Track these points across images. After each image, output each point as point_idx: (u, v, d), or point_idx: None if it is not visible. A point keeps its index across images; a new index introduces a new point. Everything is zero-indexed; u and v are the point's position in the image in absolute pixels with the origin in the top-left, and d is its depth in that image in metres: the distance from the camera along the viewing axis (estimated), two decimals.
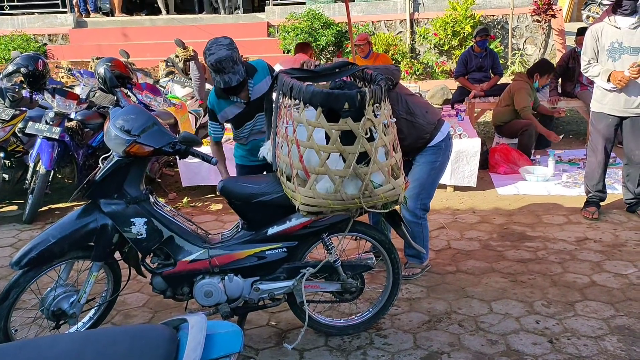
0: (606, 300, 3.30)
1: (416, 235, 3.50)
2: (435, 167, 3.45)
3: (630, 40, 4.22)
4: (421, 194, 3.48)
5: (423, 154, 3.44)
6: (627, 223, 4.46)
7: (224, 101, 3.33)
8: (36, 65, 5.35)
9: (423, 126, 3.35)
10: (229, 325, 1.53)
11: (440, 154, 3.44)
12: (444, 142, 3.45)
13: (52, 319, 2.72)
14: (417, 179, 3.45)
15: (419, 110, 3.36)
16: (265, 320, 3.22)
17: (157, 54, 9.50)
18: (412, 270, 3.65)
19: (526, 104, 6.11)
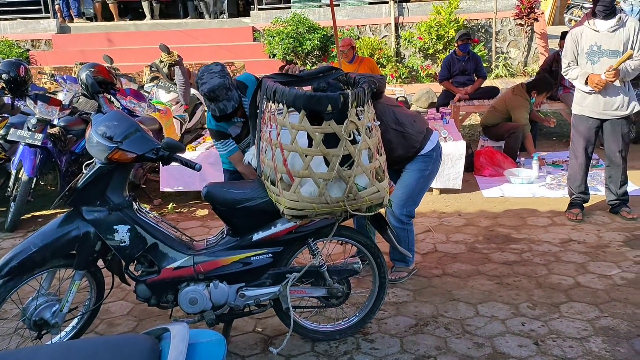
0: (591, 301, 3.32)
1: (402, 240, 3.51)
2: (424, 175, 3.47)
3: (609, 44, 4.27)
4: (407, 201, 3.49)
5: (414, 162, 3.45)
6: (610, 224, 4.51)
7: (224, 123, 3.38)
8: (18, 71, 5.28)
9: (413, 135, 3.36)
10: (212, 334, 1.51)
11: (430, 163, 3.46)
12: (434, 152, 3.47)
13: (34, 329, 2.68)
14: (405, 185, 3.46)
15: (407, 120, 3.37)
16: (251, 327, 3.20)
17: (141, 59, 9.45)
18: (399, 274, 3.65)
19: (526, 122, 6.22)
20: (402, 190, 3.46)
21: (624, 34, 4.24)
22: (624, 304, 3.27)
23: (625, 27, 4.24)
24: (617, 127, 4.42)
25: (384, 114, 3.25)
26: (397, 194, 3.46)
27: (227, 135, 3.46)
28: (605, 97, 4.35)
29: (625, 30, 4.24)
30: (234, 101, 3.16)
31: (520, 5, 10.04)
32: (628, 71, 4.24)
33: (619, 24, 4.25)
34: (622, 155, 4.50)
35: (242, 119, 3.33)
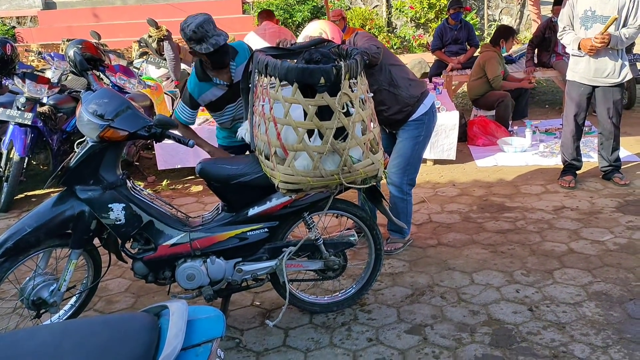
0: (584, 267, 3.37)
1: (400, 211, 3.56)
2: (419, 142, 3.47)
3: (603, 9, 4.23)
4: (407, 168, 3.50)
5: (406, 128, 3.44)
6: (603, 190, 4.54)
7: (206, 84, 3.24)
8: (4, 49, 5.20)
9: (405, 99, 3.36)
10: (211, 310, 1.52)
11: (423, 128, 3.45)
12: (426, 116, 3.45)
13: (32, 308, 2.69)
14: (402, 154, 3.47)
15: (403, 83, 3.36)
16: (249, 301, 3.22)
17: (129, 34, 9.30)
18: (395, 245, 3.68)
19: (497, 73, 6.17)
20: (399, 159, 3.48)
21: (619, 0, 4.19)
22: (617, 269, 3.32)
23: None
24: (609, 94, 4.42)
25: (379, 73, 3.25)
26: (395, 163, 3.49)
27: (195, 106, 3.31)
28: (596, 63, 4.33)
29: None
30: (224, 36, 3.08)
31: None
32: (622, 39, 4.20)
33: None
34: (613, 122, 4.50)
35: (225, 83, 3.22)
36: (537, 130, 6.10)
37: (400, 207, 3.56)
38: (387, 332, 2.85)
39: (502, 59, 6.39)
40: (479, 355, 2.61)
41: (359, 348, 2.72)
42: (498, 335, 2.76)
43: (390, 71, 3.32)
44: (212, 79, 3.22)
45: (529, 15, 10.37)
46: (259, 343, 2.82)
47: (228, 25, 9.80)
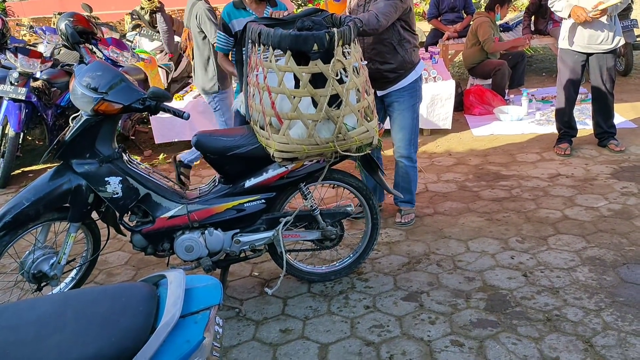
0: (578, 233, 3.40)
1: (412, 180, 3.65)
2: (416, 109, 3.53)
3: None
4: (412, 138, 3.55)
5: (400, 99, 3.45)
6: (598, 157, 4.56)
7: (240, 11, 3.53)
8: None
9: (403, 62, 3.36)
10: (208, 279, 1.55)
11: (416, 95, 3.50)
12: (417, 83, 3.49)
13: (33, 281, 2.72)
14: (405, 126, 3.50)
15: (408, 46, 3.37)
16: (248, 271, 3.26)
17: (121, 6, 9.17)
18: (409, 215, 3.70)
19: (488, 35, 6.12)
20: (404, 131, 3.51)
21: None
22: (611, 234, 3.36)
23: None
24: (602, 61, 4.39)
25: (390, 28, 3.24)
26: (400, 137, 3.53)
27: (229, 32, 3.54)
28: (590, 30, 4.30)
29: None
30: None
31: None
32: (617, 5, 4.16)
33: None
34: (607, 89, 4.49)
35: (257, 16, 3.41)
36: (533, 99, 6.08)
37: (412, 176, 3.64)
38: (384, 299, 2.89)
39: (495, 25, 6.34)
40: (474, 320, 2.66)
41: (357, 315, 2.77)
42: (493, 300, 2.81)
43: (400, 31, 3.30)
44: (247, 8, 3.53)
45: None
46: (258, 312, 2.87)
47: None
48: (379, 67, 3.34)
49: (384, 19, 3.08)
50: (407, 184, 3.64)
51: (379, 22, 3.07)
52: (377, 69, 3.33)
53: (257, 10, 3.55)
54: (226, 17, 3.54)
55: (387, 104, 3.53)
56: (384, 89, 3.46)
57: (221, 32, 3.59)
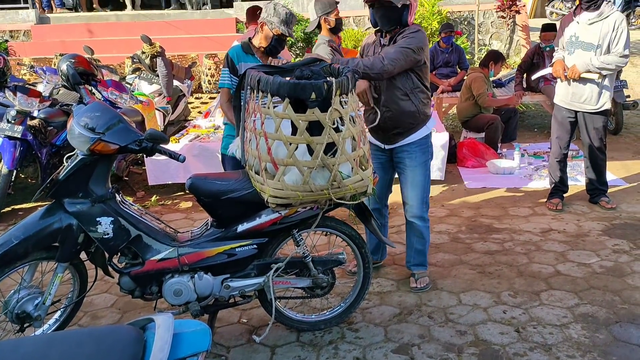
0: (570, 289, 3.38)
1: (426, 240, 3.48)
2: (427, 166, 3.42)
3: (585, 36, 4.31)
4: (424, 197, 3.41)
5: (413, 154, 3.32)
6: (589, 214, 4.58)
7: (248, 56, 3.60)
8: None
9: (415, 112, 3.25)
10: (197, 324, 1.52)
11: (428, 152, 3.40)
12: (429, 139, 3.39)
13: (16, 322, 2.65)
14: (417, 184, 3.36)
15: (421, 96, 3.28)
16: (236, 318, 3.20)
17: (123, 50, 9.33)
18: (423, 280, 3.49)
19: (482, 90, 6.25)
20: (417, 190, 3.37)
21: (602, 27, 4.24)
22: (603, 291, 3.34)
23: (605, 21, 4.24)
24: (590, 120, 4.47)
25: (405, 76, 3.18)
26: (413, 195, 3.38)
27: (235, 71, 3.59)
28: (574, 88, 4.42)
29: (605, 24, 4.24)
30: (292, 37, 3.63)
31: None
32: (600, 65, 4.23)
33: (598, 17, 4.26)
34: (597, 148, 4.55)
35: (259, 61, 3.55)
36: (525, 153, 6.17)
37: (427, 237, 3.48)
38: (374, 351, 2.84)
39: (488, 80, 6.50)
40: None
41: None
42: (485, 356, 2.76)
43: (414, 80, 3.22)
44: (254, 54, 3.61)
45: (518, 40, 10.55)
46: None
47: (222, 43, 9.89)
48: (391, 114, 3.22)
49: (389, 64, 3.01)
50: (422, 245, 3.48)
51: (384, 66, 3.00)
52: (390, 116, 3.22)
53: (263, 59, 3.64)
54: (235, 58, 3.60)
55: (396, 160, 3.39)
56: (394, 142, 3.33)
57: (227, 68, 3.64)
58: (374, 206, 3.53)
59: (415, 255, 3.49)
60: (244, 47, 3.63)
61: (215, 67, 8.84)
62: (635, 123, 7.61)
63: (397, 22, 3.17)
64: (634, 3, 13.92)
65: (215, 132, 5.78)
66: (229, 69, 3.62)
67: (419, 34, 3.15)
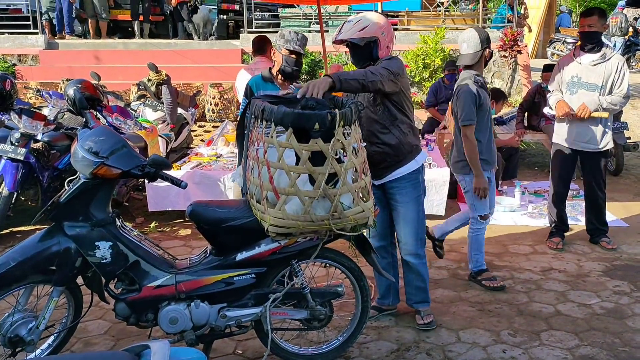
0: (571, 329, 3.34)
1: (425, 277, 3.39)
2: (420, 202, 3.32)
3: (589, 77, 4.37)
4: (418, 232, 3.33)
5: (403, 190, 3.24)
6: (590, 254, 4.56)
7: (267, 84, 3.66)
8: (4, 84, 5.25)
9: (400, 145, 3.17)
10: (193, 352, 1.49)
11: (419, 187, 3.31)
12: (420, 174, 3.31)
13: (8, 346, 2.61)
14: (410, 220, 3.27)
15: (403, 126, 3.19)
16: (231, 349, 3.15)
17: (129, 77, 9.44)
18: (429, 316, 3.41)
19: None
20: (409, 226, 3.28)
21: (605, 68, 4.33)
22: (604, 333, 3.30)
23: (608, 62, 4.33)
24: (592, 161, 4.50)
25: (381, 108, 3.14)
26: (406, 232, 3.29)
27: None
28: (578, 128, 4.44)
29: (608, 66, 4.32)
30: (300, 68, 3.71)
31: (504, 38, 10.27)
32: (607, 106, 4.31)
33: (601, 59, 4.34)
34: (597, 188, 4.56)
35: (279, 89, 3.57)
36: (526, 191, 6.17)
37: (424, 273, 3.39)
38: None
39: None
40: None
41: None
42: None
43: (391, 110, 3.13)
44: (274, 82, 3.66)
45: (519, 80, 10.68)
46: None
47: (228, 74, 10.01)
48: (375, 148, 3.15)
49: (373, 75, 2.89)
50: (421, 282, 3.38)
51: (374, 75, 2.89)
52: (374, 150, 3.14)
53: (283, 87, 3.67)
54: (254, 87, 3.65)
55: (388, 196, 3.32)
56: (382, 177, 3.24)
57: (245, 98, 3.69)
58: (380, 244, 3.43)
59: (416, 292, 3.40)
60: (264, 77, 3.69)
61: (220, 97, 8.93)
62: (636, 165, 7.64)
63: (369, 59, 3.16)
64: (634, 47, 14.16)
65: (217, 160, 5.79)
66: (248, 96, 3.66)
67: (393, 60, 3.11)
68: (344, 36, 3.11)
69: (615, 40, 14.56)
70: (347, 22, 3.14)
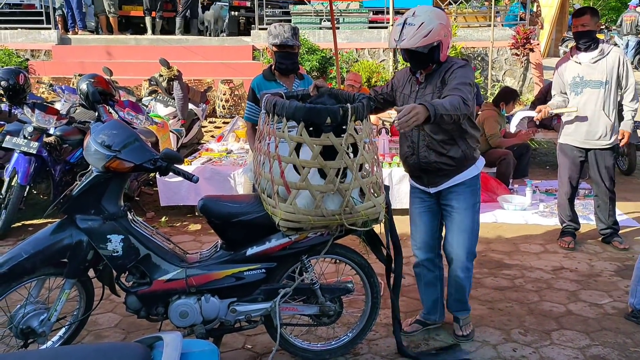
0: (582, 329, 3.32)
1: (467, 290, 3.16)
2: (476, 210, 3.07)
3: (591, 75, 4.36)
4: (471, 244, 3.07)
5: (460, 196, 3.00)
6: (602, 253, 4.52)
7: (269, 83, 3.68)
8: (17, 79, 5.30)
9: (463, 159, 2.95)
10: (205, 344, 1.50)
11: (477, 194, 3.07)
12: (478, 180, 3.08)
13: (20, 337, 2.64)
14: (464, 228, 3.02)
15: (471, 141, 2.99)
16: (240, 343, 3.16)
17: (140, 73, 9.48)
18: (468, 327, 3.23)
19: (495, 131, 6.25)
20: (463, 236, 3.02)
21: (606, 64, 4.32)
22: (615, 333, 3.27)
23: (607, 58, 4.32)
24: (601, 159, 4.47)
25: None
26: (459, 241, 3.04)
27: (257, 100, 3.63)
28: (588, 126, 4.41)
29: (609, 61, 4.32)
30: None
31: (517, 35, 10.20)
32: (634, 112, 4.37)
33: (600, 55, 4.33)
34: (607, 186, 4.53)
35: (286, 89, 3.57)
36: (537, 190, 6.13)
37: (467, 287, 3.14)
38: None
39: (502, 118, 6.50)
40: None
41: None
42: None
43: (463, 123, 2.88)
44: (276, 80, 3.68)
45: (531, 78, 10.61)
46: None
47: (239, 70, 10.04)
48: (435, 158, 2.93)
49: (469, 103, 2.66)
50: (461, 295, 3.15)
51: (467, 106, 2.64)
52: (434, 160, 2.93)
53: (287, 83, 3.69)
54: (256, 88, 3.67)
55: (443, 203, 3.06)
56: (438, 185, 3.01)
57: (250, 102, 3.72)
58: (426, 256, 3.20)
59: (455, 303, 3.20)
60: (265, 76, 3.71)
61: (230, 93, 8.95)
62: None
63: (430, 61, 2.87)
64: None
65: (228, 156, 5.81)
66: (252, 101, 3.71)
67: (467, 68, 2.85)
68: (408, 44, 2.75)
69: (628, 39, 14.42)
70: (407, 25, 2.77)
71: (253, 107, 3.72)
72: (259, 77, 3.74)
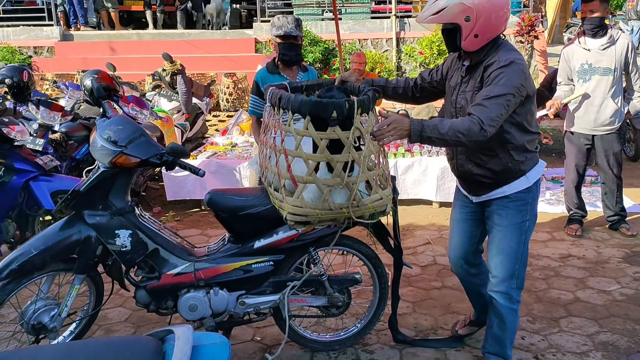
0: (590, 316, 3.32)
1: (509, 327, 2.66)
2: (524, 230, 2.57)
3: (600, 62, 4.31)
4: (516, 268, 2.59)
5: (503, 210, 2.57)
6: (609, 240, 4.51)
7: (273, 76, 3.67)
8: (21, 76, 5.29)
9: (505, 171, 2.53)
10: (216, 337, 1.51)
11: (527, 211, 2.57)
12: (529, 193, 2.57)
13: (31, 333, 2.66)
14: (504, 249, 2.58)
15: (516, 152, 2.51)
16: (250, 336, 3.18)
17: (143, 67, 9.48)
18: None
19: None
20: (503, 256, 2.58)
21: (615, 51, 4.28)
22: (624, 319, 3.27)
23: (616, 45, 4.28)
24: (607, 144, 4.44)
25: None
26: (497, 262, 2.61)
27: (261, 94, 3.63)
28: (596, 113, 4.38)
29: (618, 47, 4.28)
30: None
31: (521, 22, 10.13)
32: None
33: (609, 42, 4.28)
34: (614, 172, 4.51)
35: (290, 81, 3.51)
36: (543, 178, 6.11)
37: (510, 322, 2.64)
38: None
39: None
40: None
41: None
42: None
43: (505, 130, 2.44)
44: (280, 73, 3.69)
45: (536, 65, 10.55)
46: None
47: (241, 63, 10.02)
48: (473, 169, 2.58)
49: (490, 127, 2.25)
50: (501, 330, 2.66)
51: (484, 131, 2.24)
52: (470, 169, 2.59)
53: (290, 75, 3.68)
54: (260, 82, 3.67)
55: (486, 215, 2.69)
56: (479, 195, 2.66)
57: (254, 95, 3.72)
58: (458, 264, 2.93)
59: (492, 341, 2.71)
60: (269, 68, 3.71)
61: (234, 86, 8.94)
62: None
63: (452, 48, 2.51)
64: None
65: (232, 149, 5.81)
66: (256, 94, 3.70)
67: (511, 69, 2.33)
68: (420, 19, 2.43)
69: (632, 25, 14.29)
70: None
71: (257, 100, 3.71)
72: (263, 70, 3.74)
